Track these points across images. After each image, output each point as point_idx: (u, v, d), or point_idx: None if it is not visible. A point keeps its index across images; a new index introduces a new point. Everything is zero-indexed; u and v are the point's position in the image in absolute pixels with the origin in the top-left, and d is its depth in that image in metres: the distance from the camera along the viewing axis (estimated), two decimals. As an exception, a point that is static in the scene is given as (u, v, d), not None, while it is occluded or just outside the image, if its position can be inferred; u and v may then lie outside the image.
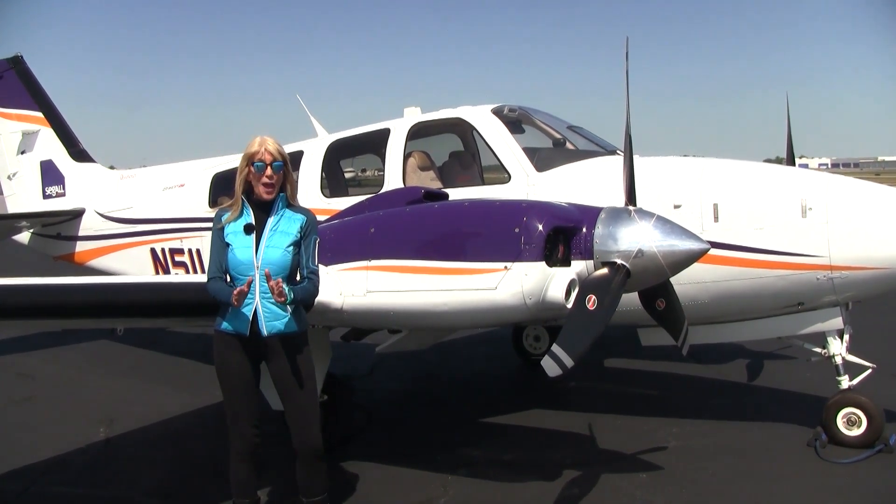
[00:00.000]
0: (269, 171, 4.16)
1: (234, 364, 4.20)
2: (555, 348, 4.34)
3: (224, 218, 4.21)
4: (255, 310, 4.13)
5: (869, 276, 5.44)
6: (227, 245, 4.16)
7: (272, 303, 4.13)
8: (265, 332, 4.15)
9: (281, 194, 4.27)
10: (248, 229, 4.16)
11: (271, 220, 4.22)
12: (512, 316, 4.59)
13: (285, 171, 4.25)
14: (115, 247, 9.35)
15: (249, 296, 4.10)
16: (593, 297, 4.35)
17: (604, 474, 5.45)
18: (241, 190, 4.23)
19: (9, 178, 11.07)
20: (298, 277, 4.30)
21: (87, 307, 4.70)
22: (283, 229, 4.22)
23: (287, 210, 4.28)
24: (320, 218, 6.44)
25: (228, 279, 4.20)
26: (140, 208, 9.13)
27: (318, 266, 4.37)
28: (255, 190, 4.22)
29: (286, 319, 4.20)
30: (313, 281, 4.31)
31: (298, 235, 4.25)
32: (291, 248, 4.21)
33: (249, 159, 4.18)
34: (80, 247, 9.79)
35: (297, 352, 4.28)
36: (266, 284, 4.07)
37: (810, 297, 5.67)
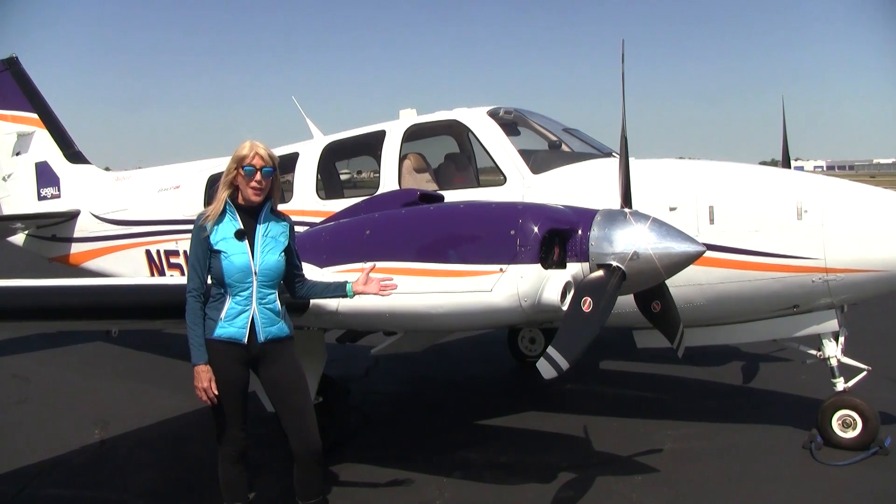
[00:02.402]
0: (258, 175, 4.09)
1: (230, 372, 4.12)
2: (550, 350, 4.34)
3: (209, 225, 4.07)
4: (253, 317, 4.11)
5: (864, 278, 5.44)
6: (218, 253, 4.05)
7: (269, 308, 4.14)
8: (261, 339, 4.13)
9: (269, 200, 4.24)
10: (239, 235, 4.09)
11: (262, 226, 4.18)
12: (507, 318, 4.58)
13: (274, 177, 4.21)
14: (110, 248, 9.33)
15: (247, 303, 4.09)
16: (589, 299, 4.35)
17: (599, 476, 5.45)
18: (225, 194, 4.14)
19: (3, 179, 11.06)
20: (284, 280, 4.34)
21: (82, 309, 4.67)
22: (273, 235, 4.20)
23: (272, 216, 4.26)
24: (315, 220, 6.45)
25: (221, 290, 4.09)
26: (135, 210, 9.11)
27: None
28: (242, 194, 4.15)
29: (280, 324, 4.22)
30: (308, 279, 4.48)
31: (287, 241, 4.26)
32: (283, 254, 4.22)
33: (239, 162, 4.11)
34: (75, 248, 9.77)
35: (288, 356, 4.27)
36: (263, 290, 4.10)
37: (806, 300, 5.67)
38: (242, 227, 4.12)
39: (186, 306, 4.10)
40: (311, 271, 4.72)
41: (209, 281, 4.14)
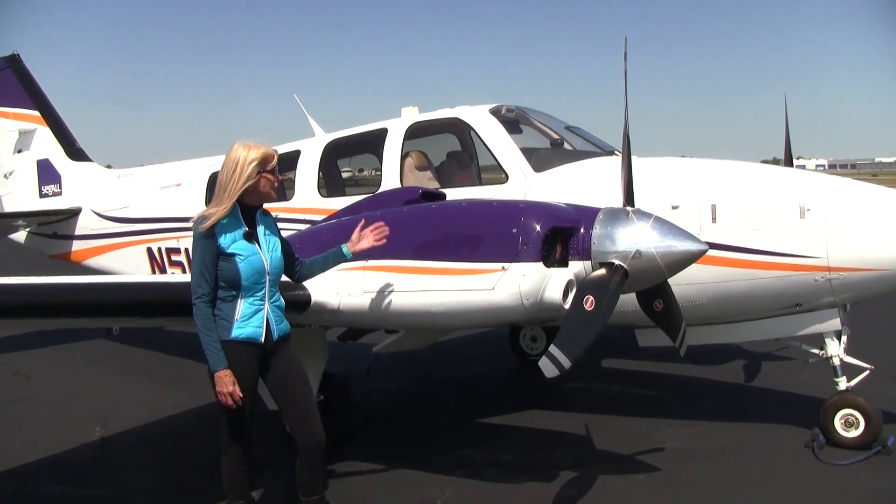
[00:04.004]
0: (278, 175, 4.16)
1: (249, 372, 4.11)
2: (552, 349, 4.33)
3: (216, 229, 3.99)
4: (267, 315, 4.11)
5: (867, 277, 5.43)
6: (231, 256, 3.99)
7: (277, 306, 4.18)
8: (276, 336, 4.16)
9: None
10: (247, 237, 4.07)
11: (260, 225, 4.18)
12: (509, 316, 4.57)
13: None
14: (111, 246, 9.33)
15: (260, 303, 4.08)
16: (591, 297, 4.34)
17: (601, 475, 5.44)
18: (237, 197, 4.05)
19: (5, 176, 11.06)
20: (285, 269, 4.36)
21: (83, 306, 4.67)
22: (270, 232, 4.22)
23: (262, 214, 4.26)
24: (317, 218, 6.44)
25: (233, 292, 4.03)
26: (137, 207, 9.11)
27: None
28: (263, 196, 4.13)
29: (285, 321, 4.26)
30: (304, 260, 4.53)
31: (278, 235, 4.31)
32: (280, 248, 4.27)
33: (262, 166, 4.04)
34: (77, 246, 9.78)
35: (289, 351, 4.31)
36: (272, 289, 4.13)
37: (808, 299, 5.66)
38: (248, 228, 4.11)
39: (196, 312, 3.99)
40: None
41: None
